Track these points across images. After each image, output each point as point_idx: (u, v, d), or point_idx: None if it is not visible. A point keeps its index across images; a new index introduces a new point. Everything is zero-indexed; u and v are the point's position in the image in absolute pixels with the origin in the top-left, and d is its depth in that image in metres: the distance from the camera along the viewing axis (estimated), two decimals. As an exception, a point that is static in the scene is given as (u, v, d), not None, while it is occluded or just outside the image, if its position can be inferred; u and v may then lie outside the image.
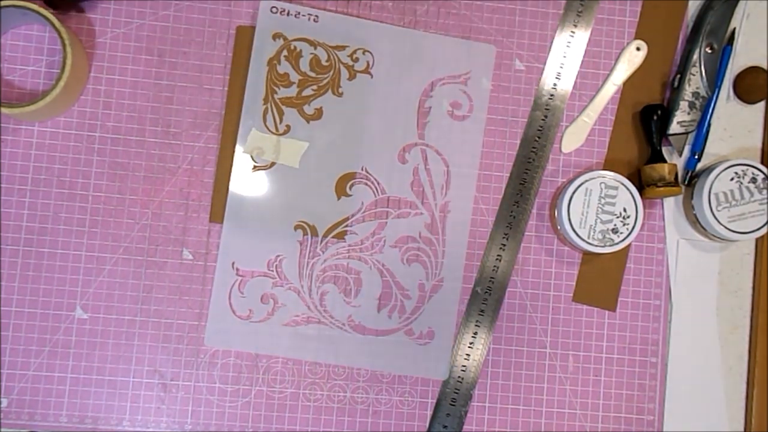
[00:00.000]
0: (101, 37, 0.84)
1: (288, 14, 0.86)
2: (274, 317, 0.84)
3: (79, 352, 0.82)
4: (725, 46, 0.87)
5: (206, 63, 0.85)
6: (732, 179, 0.83)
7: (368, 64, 0.86)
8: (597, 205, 0.82)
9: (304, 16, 0.86)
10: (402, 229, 0.85)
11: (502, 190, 0.86)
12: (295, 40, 0.86)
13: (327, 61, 0.86)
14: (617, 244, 0.82)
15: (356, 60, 0.86)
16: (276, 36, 0.85)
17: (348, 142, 0.85)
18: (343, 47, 0.86)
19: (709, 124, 0.86)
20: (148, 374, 0.83)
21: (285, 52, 0.85)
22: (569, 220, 0.82)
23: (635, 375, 0.85)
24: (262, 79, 0.85)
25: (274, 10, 0.85)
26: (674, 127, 0.85)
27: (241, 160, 0.84)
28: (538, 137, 0.87)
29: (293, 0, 0.86)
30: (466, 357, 0.84)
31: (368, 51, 0.86)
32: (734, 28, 0.88)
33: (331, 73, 0.86)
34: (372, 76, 0.86)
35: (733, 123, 0.89)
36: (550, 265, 0.86)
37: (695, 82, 0.86)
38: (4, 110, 0.78)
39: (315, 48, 0.86)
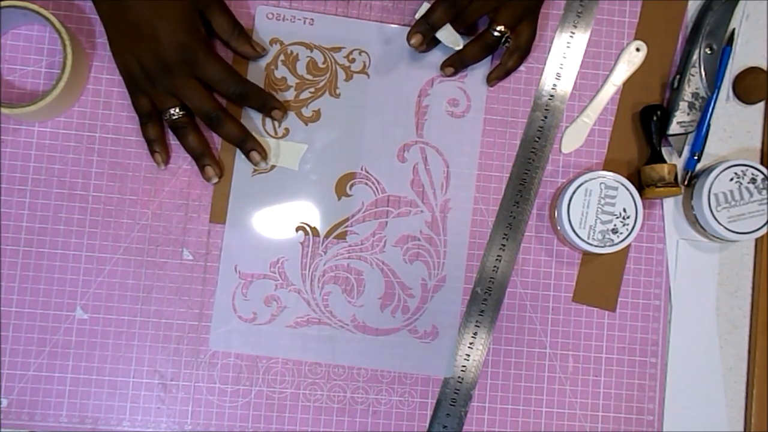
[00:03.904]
0: (101, 37, 0.84)
1: (284, 19, 0.86)
2: (278, 319, 0.84)
3: (79, 352, 0.82)
4: (725, 47, 0.87)
5: (206, 63, 0.85)
6: (731, 179, 0.83)
7: (365, 65, 0.86)
8: (597, 206, 0.82)
9: (299, 20, 0.86)
10: (403, 228, 0.85)
11: (502, 190, 0.86)
12: (291, 44, 0.86)
13: (323, 63, 0.86)
14: (617, 244, 0.82)
15: (353, 61, 0.86)
16: (273, 41, 0.86)
17: (347, 142, 0.86)
18: (339, 48, 0.86)
19: (708, 125, 0.87)
20: (148, 374, 0.83)
21: (282, 57, 0.86)
22: (569, 220, 0.82)
23: (635, 375, 0.85)
24: (260, 85, 0.85)
25: (270, 15, 0.86)
26: (674, 128, 0.86)
27: (241, 164, 0.84)
28: (538, 138, 0.87)
29: (292, 2, 0.86)
30: (466, 357, 0.84)
31: (364, 51, 0.86)
32: (734, 29, 0.88)
33: (328, 75, 0.86)
34: (369, 76, 0.86)
35: (733, 123, 0.89)
36: (549, 266, 0.86)
37: (695, 82, 0.86)
38: (4, 110, 0.78)
39: (311, 51, 0.86)
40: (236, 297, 0.83)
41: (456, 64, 0.84)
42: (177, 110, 0.80)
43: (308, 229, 0.84)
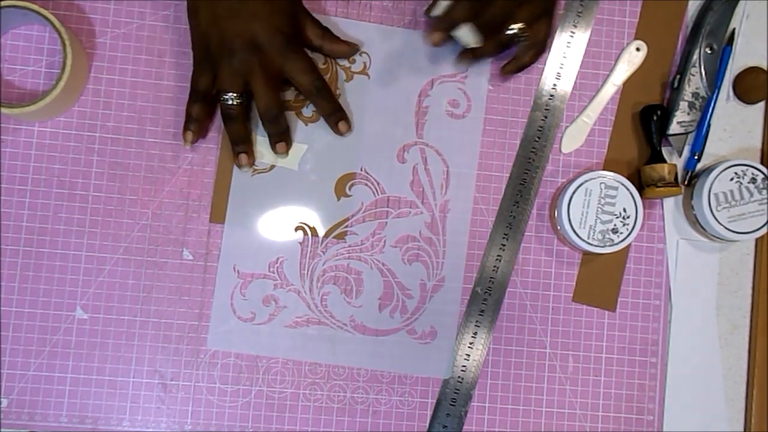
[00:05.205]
0: (101, 37, 0.84)
1: None
2: (277, 319, 0.84)
3: (79, 352, 0.82)
4: (725, 47, 0.87)
5: (206, 63, 0.85)
6: (732, 179, 0.83)
7: (365, 65, 0.86)
8: (597, 206, 0.82)
9: None
10: (402, 229, 0.85)
11: (502, 190, 0.86)
12: None
13: (324, 63, 0.86)
14: (617, 244, 0.82)
15: (353, 61, 0.86)
16: None
17: (347, 143, 0.86)
18: None
19: (708, 125, 0.87)
20: (148, 374, 0.83)
21: None
22: (569, 220, 0.82)
23: (635, 375, 0.85)
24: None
25: None
26: (674, 128, 0.86)
27: (242, 163, 0.84)
28: (538, 137, 0.87)
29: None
30: (466, 357, 0.84)
31: (365, 52, 0.86)
32: (734, 29, 0.88)
33: (329, 75, 0.86)
34: (369, 77, 0.86)
35: (733, 123, 0.89)
36: (550, 265, 0.86)
37: (695, 82, 0.86)
38: (4, 110, 0.78)
39: (312, 51, 0.86)
40: (234, 297, 0.83)
41: (471, 58, 0.83)
42: (234, 96, 0.79)
43: (307, 229, 0.84)
